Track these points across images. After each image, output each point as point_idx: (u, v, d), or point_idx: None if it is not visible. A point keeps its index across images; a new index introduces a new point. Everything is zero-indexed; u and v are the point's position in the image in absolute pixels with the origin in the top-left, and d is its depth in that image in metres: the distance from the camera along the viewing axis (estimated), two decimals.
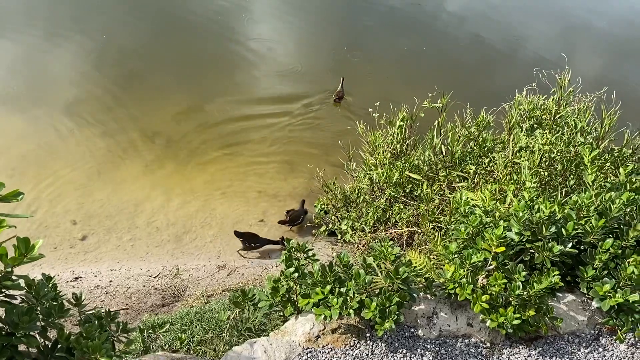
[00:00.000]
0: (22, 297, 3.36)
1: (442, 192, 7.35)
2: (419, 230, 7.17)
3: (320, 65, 12.42)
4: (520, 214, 4.33)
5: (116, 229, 8.19)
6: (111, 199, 8.62)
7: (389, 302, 3.86)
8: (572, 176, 6.73)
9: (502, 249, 4.21)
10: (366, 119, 8.43)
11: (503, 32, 14.70)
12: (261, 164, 9.64)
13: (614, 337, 4.34)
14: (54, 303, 3.49)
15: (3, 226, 3.09)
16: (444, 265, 4.40)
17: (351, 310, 3.85)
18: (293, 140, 10.24)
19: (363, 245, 7.53)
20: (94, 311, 3.95)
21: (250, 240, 8.02)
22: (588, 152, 5.16)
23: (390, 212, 7.55)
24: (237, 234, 8.04)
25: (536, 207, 4.41)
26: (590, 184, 4.93)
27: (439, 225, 6.93)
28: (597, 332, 4.41)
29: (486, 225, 4.59)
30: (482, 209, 4.82)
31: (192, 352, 5.06)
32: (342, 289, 4.01)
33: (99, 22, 12.53)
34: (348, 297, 3.93)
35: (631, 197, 4.59)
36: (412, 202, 7.51)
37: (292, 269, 4.18)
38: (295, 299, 4.29)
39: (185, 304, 6.76)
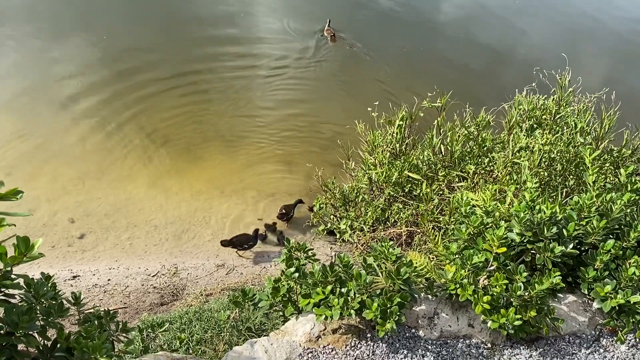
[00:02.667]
0: (22, 296, 3.34)
1: (441, 192, 7.33)
2: (418, 230, 7.16)
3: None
4: (522, 215, 4.32)
5: (114, 228, 8.16)
6: (109, 198, 8.59)
7: (390, 303, 3.85)
8: (571, 176, 6.73)
9: (504, 249, 4.20)
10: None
11: (503, 32, 14.71)
12: (260, 163, 9.61)
13: (615, 338, 4.34)
14: (53, 302, 3.47)
15: (3, 225, 3.07)
16: (444, 266, 4.38)
17: (352, 311, 3.83)
18: (292, 138, 10.21)
19: (362, 245, 7.51)
20: (93, 310, 3.93)
21: (242, 244, 7.96)
22: (589, 153, 5.16)
23: (390, 211, 7.54)
24: (224, 243, 7.94)
25: (537, 207, 4.40)
26: (591, 184, 4.93)
27: (439, 225, 6.92)
28: (598, 333, 4.40)
29: (487, 226, 4.59)
30: (483, 209, 4.82)
31: (191, 351, 5.04)
32: (343, 289, 4.00)
33: (100, 21, 12.54)
34: (349, 298, 3.92)
35: (632, 198, 4.59)
36: (412, 202, 7.50)
37: (292, 269, 4.16)
38: (295, 299, 4.27)
39: (184, 303, 6.74)
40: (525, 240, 4.39)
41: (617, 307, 4.21)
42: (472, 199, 5.01)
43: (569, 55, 7.61)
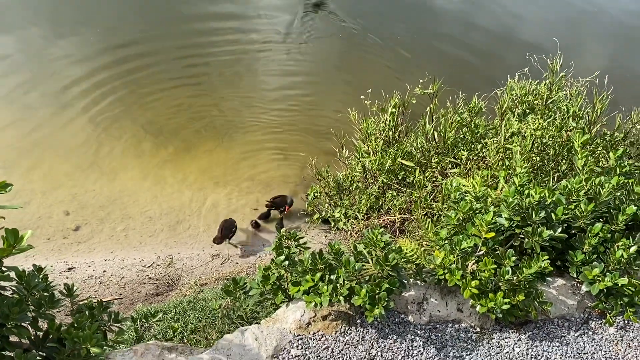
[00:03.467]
0: (13, 288, 3.36)
1: (434, 179, 7.35)
2: (412, 217, 7.18)
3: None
4: (510, 200, 4.34)
5: (109, 219, 8.18)
6: (104, 189, 8.60)
7: (379, 289, 3.88)
8: (564, 161, 6.74)
9: (492, 234, 4.22)
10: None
11: (496, 17, 14.64)
12: (254, 153, 9.61)
13: (604, 321, 4.38)
14: (45, 294, 3.49)
15: None
16: (434, 252, 4.41)
17: (341, 297, 3.87)
18: (286, 128, 10.20)
19: (356, 233, 7.54)
20: (86, 301, 3.96)
21: (228, 232, 7.98)
22: (578, 137, 5.16)
23: (383, 199, 7.56)
24: (218, 241, 7.94)
25: (526, 192, 4.42)
26: (580, 168, 4.94)
27: (432, 211, 6.95)
28: (586, 315, 4.44)
29: (476, 211, 4.60)
30: (473, 195, 4.83)
31: (185, 340, 5.08)
32: (332, 276, 4.03)
33: (94, 14, 12.46)
34: (338, 284, 3.95)
35: (621, 181, 4.60)
36: (405, 189, 7.52)
37: (282, 257, 4.20)
38: (286, 286, 4.30)
39: (178, 293, 6.78)
40: (513, 225, 4.41)
41: (605, 290, 4.25)
42: (462, 185, 5.02)
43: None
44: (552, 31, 12.86)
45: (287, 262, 4.18)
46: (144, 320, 5.06)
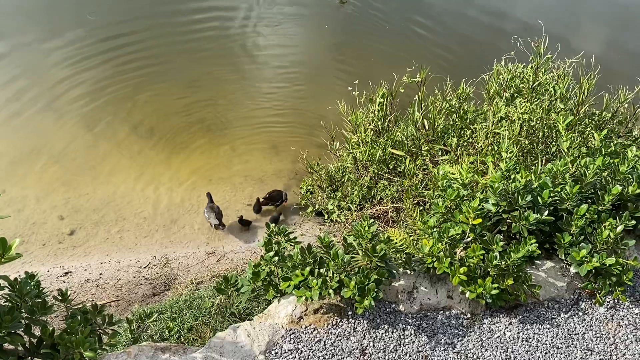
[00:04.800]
0: (6, 296, 3.39)
1: (425, 167, 7.37)
2: (404, 206, 7.20)
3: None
4: (496, 185, 4.36)
5: (104, 222, 8.20)
6: (97, 192, 8.61)
7: (368, 280, 3.91)
8: (553, 143, 6.75)
9: (479, 220, 4.25)
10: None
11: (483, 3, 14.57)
12: (246, 149, 9.61)
13: (594, 301, 4.42)
14: (37, 300, 3.52)
15: None
16: (423, 240, 4.44)
17: (331, 291, 3.90)
18: (277, 122, 10.20)
19: (350, 224, 7.57)
20: (80, 305, 3.98)
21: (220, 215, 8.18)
22: (562, 119, 5.18)
23: (375, 189, 7.58)
24: (217, 227, 8.19)
25: (512, 177, 4.44)
26: (566, 150, 4.97)
27: (424, 199, 6.97)
28: (576, 297, 4.47)
29: (464, 198, 4.63)
30: (460, 182, 4.85)
31: (182, 339, 5.11)
32: (321, 270, 4.06)
33: (82, 16, 12.39)
34: (328, 278, 3.98)
35: (606, 162, 4.63)
36: (397, 179, 7.54)
37: (271, 253, 4.23)
38: (277, 282, 4.33)
39: (175, 292, 6.81)
40: (500, 210, 4.44)
41: (593, 271, 4.28)
42: (449, 173, 5.05)
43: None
44: (543, 12, 12.86)
45: (276, 258, 4.21)
46: (140, 322, 5.10)
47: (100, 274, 7.29)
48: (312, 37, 12.70)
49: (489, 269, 4.13)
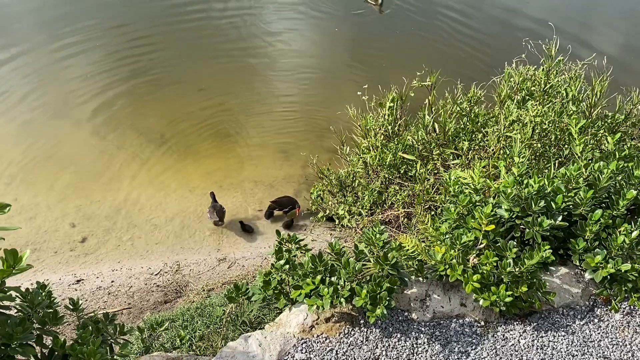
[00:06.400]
0: (17, 307, 3.39)
1: (436, 171, 7.32)
2: (416, 211, 7.16)
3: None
4: (509, 190, 4.32)
5: (115, 229, 8.22)
6: (108, 200, 8.63)
7: (380, 289, 3.87)
8: (566, 146, 6.68)
9: (492, 226, 4.20)
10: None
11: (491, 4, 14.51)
12: (256, 154, 9.61)
13: (609, 307, 4.35)
14: (49, 311, 3.51)
15: None
16: (435, 247, 4.39)
17: (342, 299, 3.86)
18: (288, 127, 10.18)
19: (361, 229, 7.53)
20: (92, 314, 3.97)
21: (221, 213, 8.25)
22: (575, 123, 5.12)
23: (386, 194, 7.54)
24: (216, 223, 8.28)
25: (525, 182, 4.39)
26: (579, 154, 4.91)
27: (435, 204, 6.93)
28: (591, 303, 4.41)
29: (476, 204, 4.58)
30: (472, 187, 4.81)
31: (194, 347, 5.10)
32: (333, 278, 4.03)
33: (95, 21, 12.46)
34: (339, 286, 3.94)
35: (620, 166, 4.56)
36: (407, 183, 7.50)
37: (282, 261, 4.20)
38: (288, 290, 4.30)
39: (186, 300, 6.80)
40: (514, 216, 4.39)
41: (609, 277, 4.22)
42: (460, 178, 5.00)
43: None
44: (555, 12, 12.77)
45: (287, 266, 4.18)
46: (151, 330, 5.10)
47: (112, 282, 7.30)
48: (323, 41, 12.69)
49: (502, 276, 4.08)
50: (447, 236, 4.47)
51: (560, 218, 4.28)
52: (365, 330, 4.04)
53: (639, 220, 4.29)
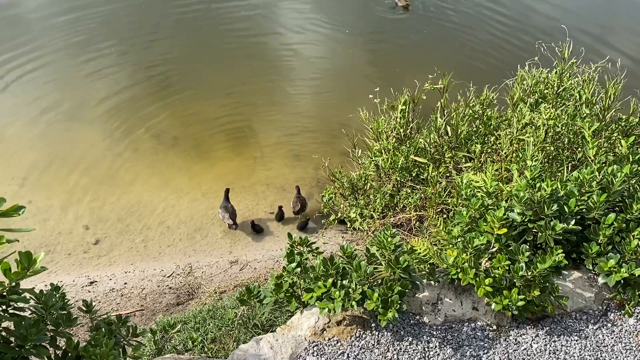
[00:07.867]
0: (31, 308, 3.42)
1: (449, 174, 7.31)
2: (427, 215, 7.15)
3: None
4: (522, 194, 4.30)
5: (128, 231, 8.28)
6: (121, 202, 8.70)
7: (391, 292, 3.87)
8: (579, 149, 6.65)
9: (504, 230, 4.19)
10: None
11: (504, 7, 14.44)
12: (268, 157, 9.64)
13: (623, 312, 4.31)
14: (63, 313, 3.54)
15: (2, 242, 3.13)
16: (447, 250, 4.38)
17: (354, 302, 3.86)
18: (299, 130, 10.20)
19: (372, 232, 7.53)
20: (105, 316, 4.00)
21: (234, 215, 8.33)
22: (588, 126, 5.09)
23: (398, 197, 7.53)
24: (230, 226, 8.36)
25: (537, 185, 4.37)
26: (592, 158, 4.87)
27: (447, 207, 6.91)
28: (605, 307, 4.38)
29: (488, 208, 4.57)
30: (485, 190, 4.79)
31: (206, 349, 5.12)
32: (344, 282, 4.03)
33: (104, 30, 12.58)
34: (350, 290, 3.94)
35: (634, 169, 4.53)
36: (419, 186, 7.48)
37: (294, 264, 4.20)
38: (299, 293, 4.31)
39: (199, 302, 6.83)
40: (526, 220, 4.37)
41: (622, 281, 4.19)
42: (472, 181, 4.98)
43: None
44: (570, 14, 12.71)
45: (299, 269, 4.19)
46: (164, 332, 5.12)
47: (125, 284, 7.35)
48: (338, 44, 12.70)
49: (514, 280, 4.06)
50: (459, 240, 4.47)
51: (573, 222, 4.25)
52: (377, 333, 4.04)
53: None
